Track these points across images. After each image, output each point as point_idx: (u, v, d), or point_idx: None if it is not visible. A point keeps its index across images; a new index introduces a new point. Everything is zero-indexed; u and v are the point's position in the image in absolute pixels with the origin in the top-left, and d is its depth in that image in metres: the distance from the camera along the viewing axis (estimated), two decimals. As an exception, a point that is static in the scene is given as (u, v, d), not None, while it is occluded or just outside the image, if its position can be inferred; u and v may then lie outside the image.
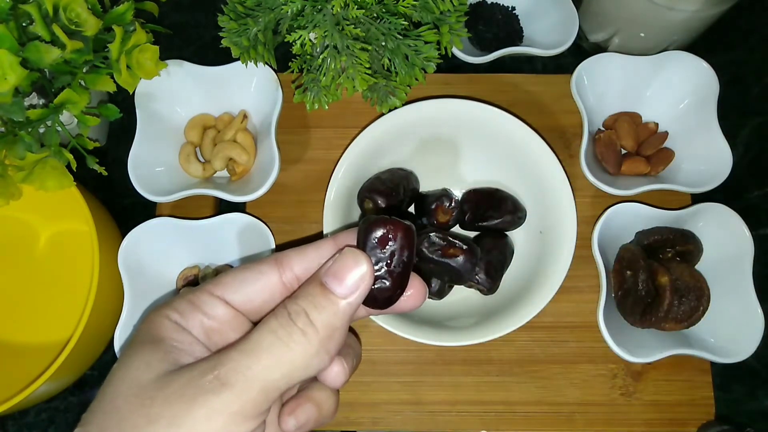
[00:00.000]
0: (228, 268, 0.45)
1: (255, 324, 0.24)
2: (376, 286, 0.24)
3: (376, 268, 0.24)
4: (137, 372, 0.22)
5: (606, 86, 0.47)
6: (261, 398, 0.21)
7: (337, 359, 0.25)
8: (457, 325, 0.41)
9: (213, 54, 0.46)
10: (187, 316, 0.24)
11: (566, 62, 0.52)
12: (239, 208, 0.48)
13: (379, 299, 0.25)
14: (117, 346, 0.40)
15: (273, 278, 0.25)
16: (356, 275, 0.24)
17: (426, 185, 0.46)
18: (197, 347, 0.23)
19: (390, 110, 0.44)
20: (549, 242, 0.42)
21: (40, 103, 0.42)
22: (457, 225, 0.46)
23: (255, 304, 0.25)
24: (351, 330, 0.27)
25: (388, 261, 0.24)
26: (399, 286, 0.25)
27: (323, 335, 0.23)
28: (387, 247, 0.24)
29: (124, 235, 0.42)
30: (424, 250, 0.36)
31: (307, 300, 0.23)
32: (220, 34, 0.41)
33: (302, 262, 0.25)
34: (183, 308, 0.24)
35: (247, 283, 0.25)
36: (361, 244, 0.25)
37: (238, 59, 0.43)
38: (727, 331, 0.41)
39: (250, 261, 0.44)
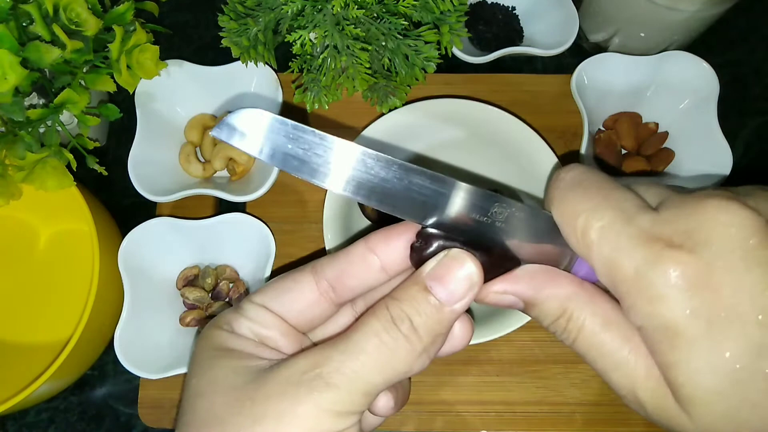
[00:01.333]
0: (228, 268, 0.45)
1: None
2: None
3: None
4: (227, 379, 0.22)
5: (606, 86, 0.47)
6: (363, 399, 0.21)
7: (384, 393, 0.24)
8: (458, 325, 0.41)
9: (213, 54, 0.46)
10: (236, 324, 0.24)
11: (566, 62, 0.52)
12: (239, 208, 0.48)
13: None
14: (117, 346, 0.40)
15: (309, 286, 0.25)
16: (464, 283, 0.22)
17: (426, 185, 0.46)
18: (263, 349, 0.24)
19: (390, 110, 0.44)
20: (549, 242, 0.42)
21: (40, 102, 0.42)
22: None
23: (296, 313, 0.25)
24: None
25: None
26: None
27: (426, 342, 0.22)
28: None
29: (124, 235, 0.42)
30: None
31: (410, 305, 0.22)
32: (221, 33, 0.41)
33: (333, 270, 0.25)
34: (230, 318, 0.25)
35: (285, 291, 0.25)
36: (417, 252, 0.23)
37: (238, 59, 0.43)
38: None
39: (248, 260, 0.45)
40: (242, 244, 0.44)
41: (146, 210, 0.48)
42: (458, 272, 0.22)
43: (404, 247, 0.24)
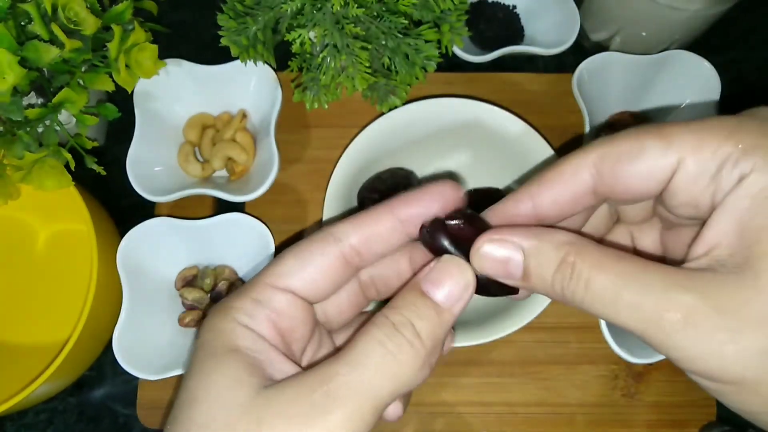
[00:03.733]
0: (227, 268, 0.45)
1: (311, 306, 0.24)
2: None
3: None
4: (229, 391, 0.20)
5: (607, 85, 0.47)
6: (372, 415, 0.20)
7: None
8: (458, 325, 0.41)
9: (212, 53, 0.46)
10: (255, 316, 0.22)
11: (567, 61, 0.51)
12: (238, 207, 0.47)
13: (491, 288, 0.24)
14: (115, 346, 0.39)
15: (334, 255, 0.23)
16: (461, 284, 0.22)
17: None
18: (274, 354, 0.22)
19: (390, 109, 0.44)
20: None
21: (39, 102, 0.42)
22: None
23: (319, 286, 0.24)
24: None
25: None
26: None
27: (429, 347, 0.22)
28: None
29: (122, 235, 0.42)
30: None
31: (411, 310, 0.22)
32: (220, 32, 0.41)
33: (359, 233, 0.24)
34: (249, 308, 0.22)
35: (309, 265, 0.23)
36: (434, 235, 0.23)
37: (237, 58, 0.43)
38: None
39: (248, 261, 0.44)
40: (241, 244, 0.44)
41: (145, 210, 0.48)
42: (453, 275, 0.23)
43: (425, 212, 0.24)
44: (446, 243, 0.23)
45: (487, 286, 0.23)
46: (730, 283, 0.18)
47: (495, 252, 0.22)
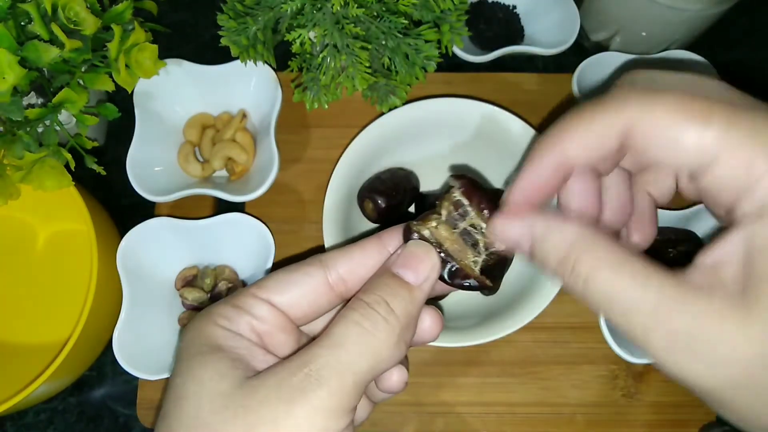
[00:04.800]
0: (227, 268, 0.45)
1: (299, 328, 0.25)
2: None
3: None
4: (213, 383, 0.21)
5: (607, 85, 0.47)
6: (354, 392, 0.21)
7: (397, 367, 0.25)
8: (458, 325, 0.41)
9: (212, 53, 0.46)
10: (234, 320, 0.23)
11: (567, 61, 0.51)
12: (238, 207, 0.47)
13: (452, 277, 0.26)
14: (115, 346, 0.39)
15: (319, 279, 0.25)
16: (427, 263, 0.24)
17: (426, 185, 0.46)
18: (257, 350, 0.23)
19: (390, 109, 0.44)
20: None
21: (39, 102, 0.42)
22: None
23: (301, 306, 0.25)
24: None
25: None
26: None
27: (403, 323, 0.23)
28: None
29: (122, 235, 0.42)
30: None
31: (384, 289, 0.23)
32: (220, 32, 0.41)
33: (348, 263, 0.25)
34: (229, 313, 0.24)
35: (293, 285, 0.24)
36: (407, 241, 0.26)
37: (237, 58, 0.43)
38: None
39: (247, 261, 0.44)
40: (241, 244, 0.44)
41: (145, 210, 0.48)
42: (419, 255, 0.25)
43: None
44: (415, 235, 0.26)
45: (456, 279, 0.26)
46: (725, 312, 0.18)
47: (507, 230, 0.24)
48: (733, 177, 0.19)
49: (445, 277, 0.26)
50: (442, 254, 0.25)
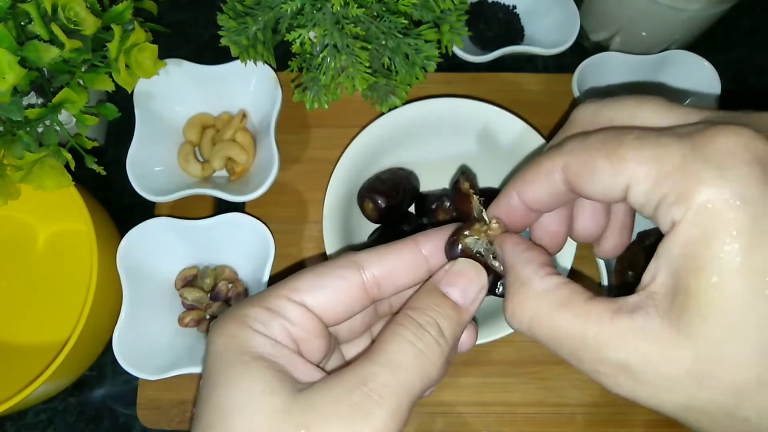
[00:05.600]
0: (227, 268, 0.45)
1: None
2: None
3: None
4: (266, 397, 0.20)
5: (607, 86, 0.47)
6: (408, 412, 0.21)
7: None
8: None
9: (212, 53, 0.46)
10: (269, 325, 0.22)
11: (567, 61, 0.51)
12: (238, 207, 0.47)
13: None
14: (116, 346, 0.39)
15: (354, 281, 0.24)
16: (477, 285, 0.24)
17: (426, 185, 0.46)
18: (297, 359, 0.22)
19: (390, 109, 0.44)
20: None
21: (39, 102, 0.42)
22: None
23: (335, 309, 0.24)
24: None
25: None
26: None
27: (451, 345, 0.23)
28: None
29: (122, 235, 0.42)
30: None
31: (434, 310, 0.23)
32: (220, 32, 0.41)
33: (382, 266, 0.24)
34: (262, 317, 0.22)
35: (327, 286, 0.23)
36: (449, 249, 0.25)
37: (237, 58, 0.43)
38: None
39: (248, 261, 0.44)
40: (241, 244, 0.44)
41: (145, 210, 0.48)
42: (470, 277, 0.24)
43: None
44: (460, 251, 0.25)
45: (493, 288, 0.25)
46: (657, 333, 0.19)
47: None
48: (643, 204, 0.20)
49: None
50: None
